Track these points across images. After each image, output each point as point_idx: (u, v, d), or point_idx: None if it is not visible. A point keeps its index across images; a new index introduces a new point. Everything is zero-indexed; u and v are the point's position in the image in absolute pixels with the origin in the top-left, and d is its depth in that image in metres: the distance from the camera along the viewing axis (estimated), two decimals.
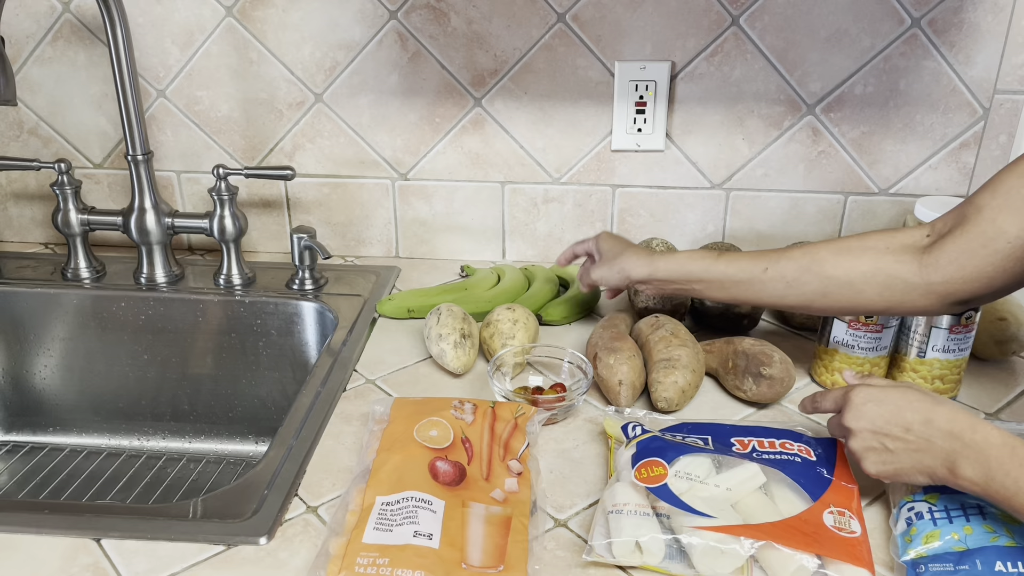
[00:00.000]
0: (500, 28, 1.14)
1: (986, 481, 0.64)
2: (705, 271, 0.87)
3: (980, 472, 0.64)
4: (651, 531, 0.68)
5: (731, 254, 0.88)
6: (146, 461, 1.17)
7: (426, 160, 1.23)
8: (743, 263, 0.86)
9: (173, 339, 1.17)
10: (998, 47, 1.08)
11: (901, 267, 0.78)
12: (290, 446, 0.85)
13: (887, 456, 0.70)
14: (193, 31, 1.17)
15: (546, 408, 0.87)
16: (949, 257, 0.75)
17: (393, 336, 1.07)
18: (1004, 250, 0.72)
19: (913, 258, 0.78)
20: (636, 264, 0.92)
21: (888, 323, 0.90)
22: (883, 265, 0.79)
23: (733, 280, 0.86)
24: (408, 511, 0.70)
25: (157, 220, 1.15)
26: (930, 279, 0.76)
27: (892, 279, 0.78)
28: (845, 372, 0.80)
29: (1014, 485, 0.62)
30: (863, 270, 0.80)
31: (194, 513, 0.76)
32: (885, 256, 0.79)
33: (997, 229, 0.72)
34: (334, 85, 1.19)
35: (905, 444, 0.69)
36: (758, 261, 0.85)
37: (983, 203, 0.73)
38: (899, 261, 0.78)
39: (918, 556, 0.68)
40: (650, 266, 0.91)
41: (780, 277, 0.84)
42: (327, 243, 1.29)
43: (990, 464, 0.64)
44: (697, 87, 1.15)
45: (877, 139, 1.15)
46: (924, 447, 0.68)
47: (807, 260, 0.83)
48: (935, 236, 0.78)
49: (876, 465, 0.71)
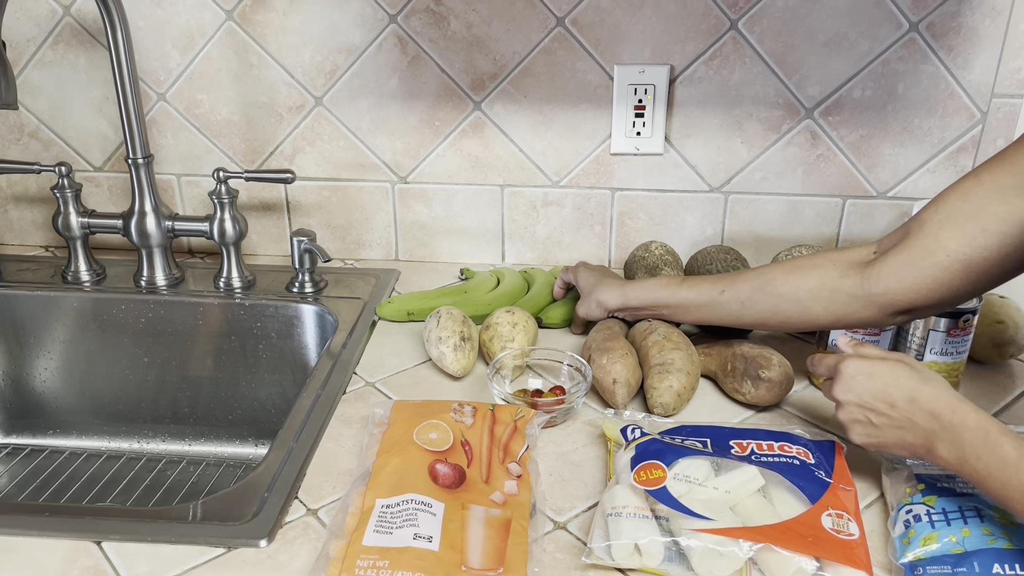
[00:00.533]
0: (500, 32, 1.14)
1: (959, 463, 0.67)
2: (670, 297, 0.94)
3: (955, 454, 0.67)
4: (650, 533, 0.69)
5: (693, 279, 0.94)
6: (146, 464, 1.18)
7: (426, 163, 1.23)
8: (703, 287, 0.92)
9: (173, 342, 1.17)
10: (995, 51, 1.09)
11: (845, 281, 0.82)
12: (290, 449, 0.85)
13: (872, 429, 0.73)
14: (194, 35, 1.18)
15: (545, 411, 0.87)
16: (890, 269, 0.78)
17: (393, 339, 1.07)
18: (943, 263, 0.75)
19: (857, 272, 0.81)
20: (609, 295, 0.99)
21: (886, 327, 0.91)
22: (828, 281, 0.83)
23: (695, 304, 0.92)
24: (408, 514, 0.70)
25: (157, 223, 1.15)
26: (871, 290, 0.80)
27: (836, 293, 0.82)
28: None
29: (985, 469, 0.65)
30: (809, 287, 0.84)
31: (194, 516, 0.76)
32: (831, 272, 0.83)
33: (937, 243, 0.75)
34: (334, 89, 1.19)
35: (889, 420, 0.72)
36: (716, 284, 0.91)
37: (926, 219, 0.77)
38: (844, 276, 0.82)
39: (916, 558, 0.68)
40: (622, 296, 0.98)
41: (735, 298, 0.89)
42: (327, 246, 1.29)
43: (964, 447, 0.66)
44: (696, 91, 1.15)
45: (875, 142, 1.15)
46: (907, 425, 0.71)
47: (760, 281, 0.88)
48: (880, 252, 0.82)
49: (861, 436, 0.75)
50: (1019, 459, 0.63)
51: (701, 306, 0.92)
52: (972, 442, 0.66)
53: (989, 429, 0.66)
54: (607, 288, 1.00)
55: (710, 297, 0.91)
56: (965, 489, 0.72)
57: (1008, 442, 0.64)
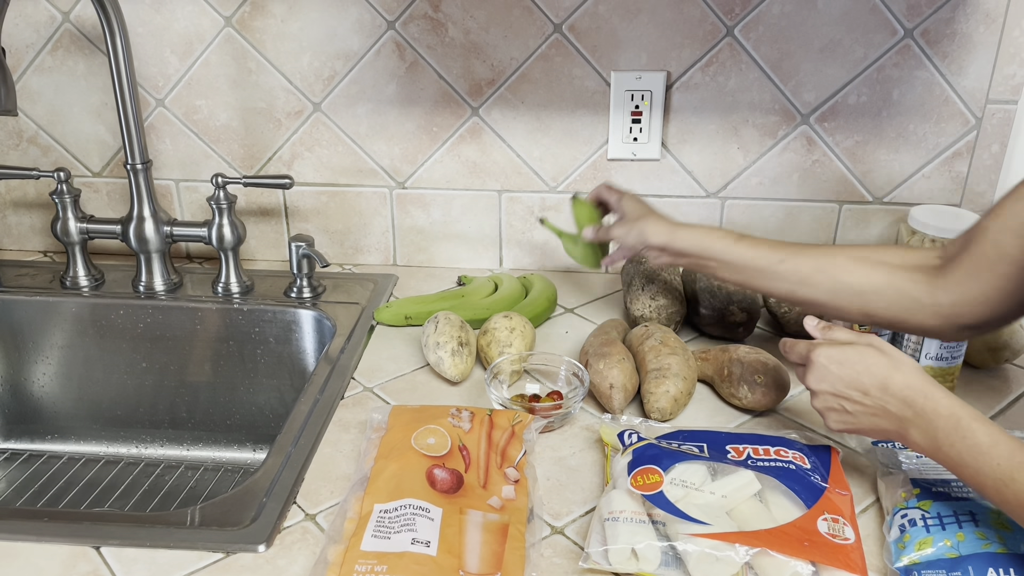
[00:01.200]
0: (497, 38, 1.15)
1: (933, 450, 0.68)
2: (724, 251, 0.88)
3: (928, 441, 0.68)
4: (647, 538, 0.69)
5: (751, 239, 0.88)
6: (144, 468, 1.18)
7: (424, 169, 1.24)
8: (762, 250, 0.86)
9: (171, 347, 1.17)
10: (990, 57, 1.09)
11: (913, 286, 0.79)
12: (288, 454, 0.85)
13: (847, 416, 0.74)
14: (192, 41, 1.18)
15: (543, 416, 0.87)
16: (957, 279, 0.76)
17: (391, 344, 1.08)
18: (1008, 273, 0.72)
19: (925, 278, 0.79)
20: (656, 229, 0.92)
21: (881, 331, 0.91)
22: (895, 281, 0.80)
23: (749, 266, 0.87)
24: (406, 519, 0.70)
25: (156, 228, 1.15)
26: (939, 300, 0.77)
27: (902, 296, 0.80)
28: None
29: (958, 456, 0.66)
30: (875, 282, 0.81)
31: (192, 521, 0.76)
32: (898, 272, 0.80)
33: (1000, 252, 0.72)
34: (332, 94, 1.20)
35: (863, 408, 0.72)
36: (776, 251, 0.86)
37: (987, 225, 0.74)
38: (912, 280, 0.79)
39: (911, 563, 0.69)
40: (670, 234, 0.92)
41: (794, 272, 0.84)
42: (325, 251, 1.30)
43: (937, 435, 0.67)
44: (692, 97, 1.16)
45: (871, 148, 1.16)
46: (880, 412, 0.71)
47: (823, 262, 0.84)
48: (945, 259, 0.79)
49: (837, 423, 0.75)
50: (992, 446, 0.64)
51: (755, 269, 0.86)
52: (944, 429, 0.66)
53: (961, 416, 0.66)
54: (654, 222, 0.93)
55: (767, 263, 0.86)
56: (960, 493, 0.73)
57: (981, 429, 0.65)
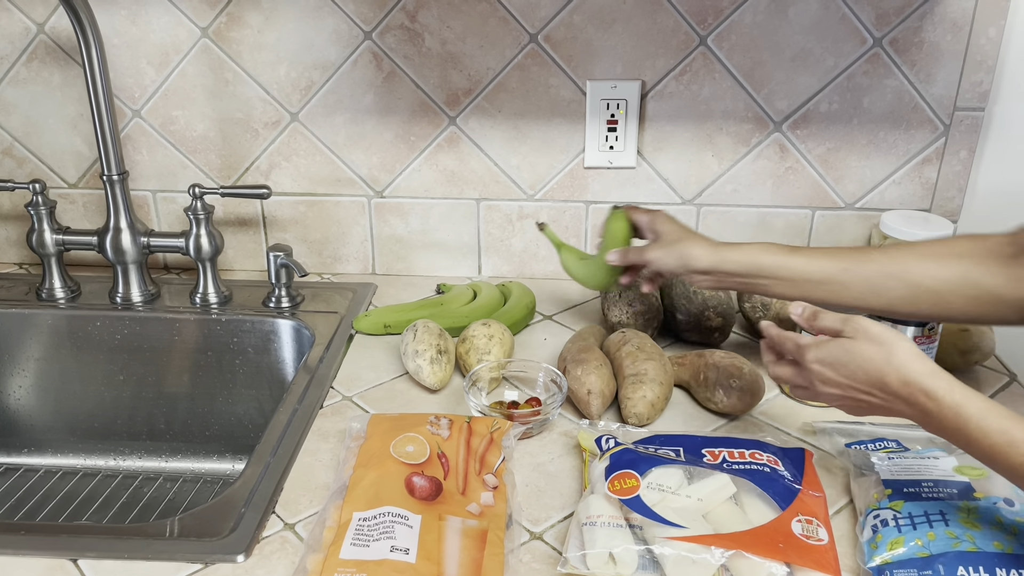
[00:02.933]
0: (473, 48, 1.15)
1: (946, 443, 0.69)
2: (779, 267, 0.83)
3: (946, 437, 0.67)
4: (624, 542, 0.70)
5: (806, 250, 0.84)
6: (122, 481, 1.17)
7: (402, 178, 1.24)
8: (822, 262, 0.82)
9: (149, 358, 1.17)
10: (957, 65, 1.12)
11: (990, 279, 0.76)
12: (267, 464, 0.85)
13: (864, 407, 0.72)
14: (168, 52, 1.18)
15: (521, 422, 0.88)
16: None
17: (370, 352, 1.08)
18: None
19: (1000, 269, 0.75)
20: (700, 252, 0.87)
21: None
22: (971, 275, 0.77)
23: (809, 280, 0.83)
24: (385, 526, 0.71)
25: (133, 239, 1.15)
26: (1019, 294, 0.75)
27: (980, 291, 0.76)
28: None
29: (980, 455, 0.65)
30: (950, 278, 0.77)
31: (171, 532, 0.76)
32: (973, 265, 0.77)
33: None
34: (310, 104, 1.20)
35: (876, 401, 0.71)
36: (836, 260, 0.82)
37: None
38: (989, 273, 0.76)
39: (883, 562, 0.70)
40: (716, 255, 0.86)
41: (863, 280, 0.81)
42: (303, 260, 1.30)
43: (952, 436, 0.66)
44: (667, 105, 1.17)
45: (842, 155, 1.18)
46: (893, 408, 0.70)
47: (892, 265, 0.80)
48: (1018, 248, 0.76)
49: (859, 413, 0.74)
50: (1009, 445, 0.63)
51: (817, 283, 0.82)
52: (953, 431, 0.66)
53: (968, 417, 0.64)
54: (696, 244, 0.87)
55: (829, 275, 0.81)
56: (931, 494, 0.74)
57: (992, 428, 0.63)
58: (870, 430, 0.87)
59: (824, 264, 0.82)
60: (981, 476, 0.75)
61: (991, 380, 1.02)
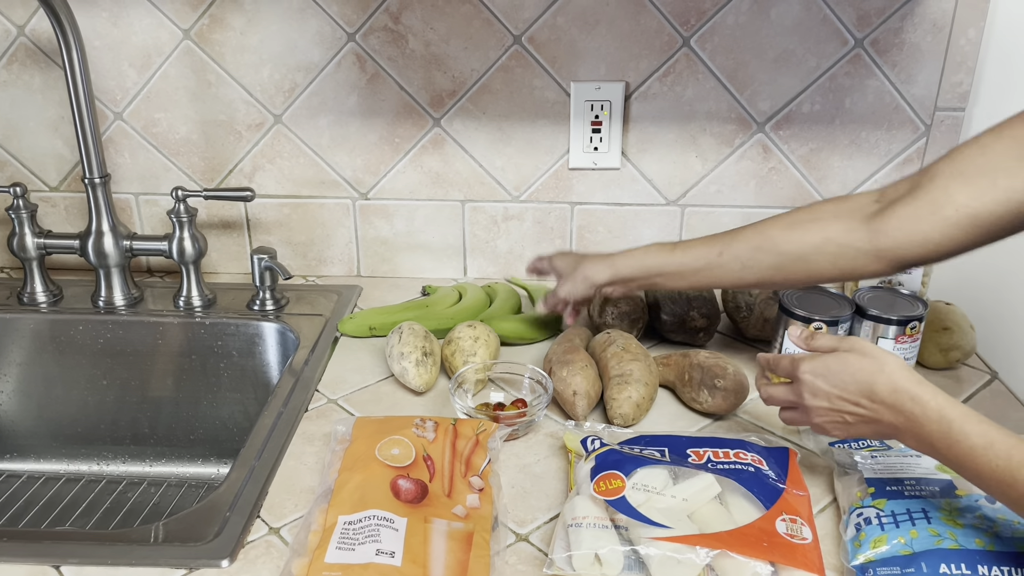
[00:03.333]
0: (457, 50, 1.15)
1: (931, 453, 0.69)
2: (663, 264, 0.90)
3: (924, 446, 0.69)
4: (610, 543, 0.70)
5: (686, 243, 0.90)
6: (106, 486, 1.16)
7: (386, 180, 1.24)
8: (698, 251, 0.89)
9: (133, 362, 1.16)
10: (938, 66, 1.13)
11: (851, 235, 0.80)
12: (252, 468, 0.85)
13: (848, 427, 0.75)
14: (151, 53, 1.17)
15: (507, 424, 0.88)
16: (898, 223, 0.77)
17: (355, 355, 1.08)
18: (951, 217, 0.73)
19: (862, 225, 0.79)
20: (596, 269, 0.95)
21: (837, 334, 0.93)
22: (833, 236, 0.81)
23: (691, 269, 0.89)
24: (370, 530, 0.70)
25: (115, 243, 1.14)
26: (879, 245, 0.78)
27: (843, 248, 0.80)
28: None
29: (956, 460, 0.67)
30: (814, 242, 0.82)
31: (155, 537, 0.76)
32: (835, 225, 0.81)
33: (947, 197, 0.73)
34: (293, 106, 1.20)
35: (860, 417, 0.73)
36: (712, 246, 0.88)
37: (937, 172, 0.75)
38: (849, 230, 0.80)
39: (867, 560, 0.70)
40: (611, 268, 0.94)
41: (735, 259, 0.86)
42: (288, 263, 1.29)
43: (931, 440, 0.68)
44: (651, 106, 1.17)
45: (825, 155, 1.19)
46: (876, 420, 0.72)
47: (759, 239, 0.85)
48: (884, 203, 0.80)
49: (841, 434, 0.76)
50: (986, 448, 0.64)
51: (697, 270, 0.89)
52: (937, 434, 0.67)
53: (952, 419, 0.67)
54: (592, 263, 0.96)
55: (707, 261, 0.88)
56: (913, 492, 0.75)
57: (973, 431, 0.65)
58: None
59: (700, 252, 0.88)
60: None
61: (972, 378, 1.02)
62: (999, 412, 0.95)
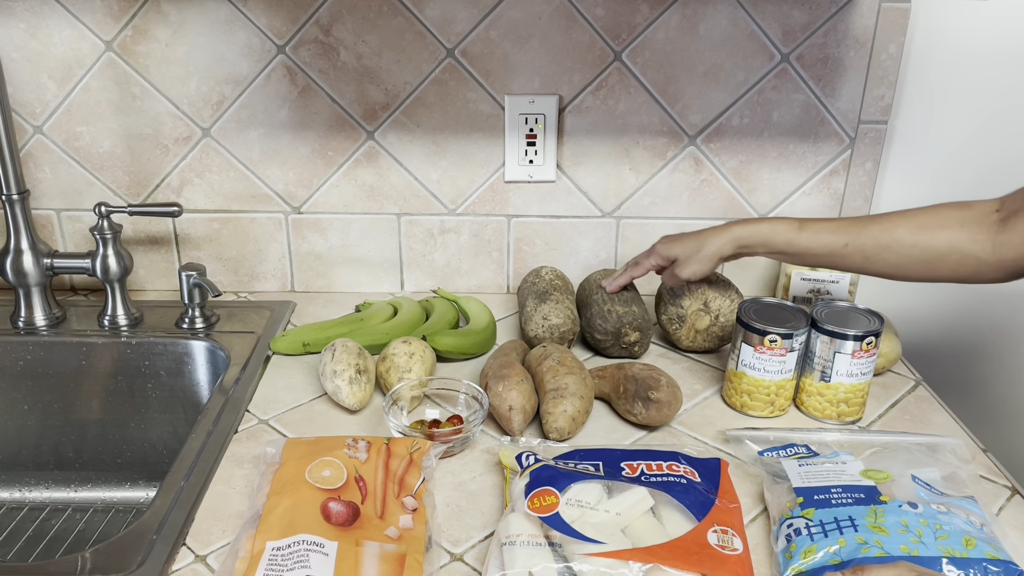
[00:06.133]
0: (390, 63, 1.14)
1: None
2: (788, 244, 0.95)
3: None
4: (544, 560, 0.69)
5: (813, 226, 0.95)
6: (28, 513, 1.12)
7: (320, 193, 1.22)
8: (824, 237, 0.93)
9: (55, 384, 1.12)
10: (860, 80, 1.16)
11: (975, 246, 0.84)
12: (178, 492, 0.82)
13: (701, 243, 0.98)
14: (71, 66, 1.14)
15: (442, 441, 0.87)
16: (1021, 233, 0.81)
17: (288, 373, 1.05)
18: None
19: (987, 237, 0.84)
20: (720, 243, 1.00)
21: (792, 347, 0.94)
22: (958, 244, 0.85)
23: (814, 254, 0.94)
24: (299, 555, 0.69)
25: (35, 261, 1.10)
26: (1003, 256, 0.83)
27: (966, 257, 0.85)
28: None
29: None
30: (939, 249, 0.86)
31: (79, 568, 0.73)
32: (960, 234, 0.85)
33: None
34: (222, 119, 1.17)
35: None
36: (838, 235, 0.93)
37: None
38: (974, 240, 0.84)
39: (798, 572, 0.71)
40: (733, 241, 0.99)
41: (859, 252, 0.91)
42: (219, 279, 1.26)
43: None
44: (585, 120, 1.18)
45: (755, 167, 1.21)
46: None
47: (885, 238, 0.90)
48: (1006, 212, 0.83)
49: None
50: None
51: (819, 256, 0.94)
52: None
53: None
54: (713, 240, 1.00)
55: (831, 250, 0.93)
56: (840, 500, 0.76)
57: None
58: (780, 435, 0.89)
59: (826, 239, 0.93)
60: (886, 479, 0.78)
61: (898, 384, 1.05)
62: (923, 416, 0.98)
